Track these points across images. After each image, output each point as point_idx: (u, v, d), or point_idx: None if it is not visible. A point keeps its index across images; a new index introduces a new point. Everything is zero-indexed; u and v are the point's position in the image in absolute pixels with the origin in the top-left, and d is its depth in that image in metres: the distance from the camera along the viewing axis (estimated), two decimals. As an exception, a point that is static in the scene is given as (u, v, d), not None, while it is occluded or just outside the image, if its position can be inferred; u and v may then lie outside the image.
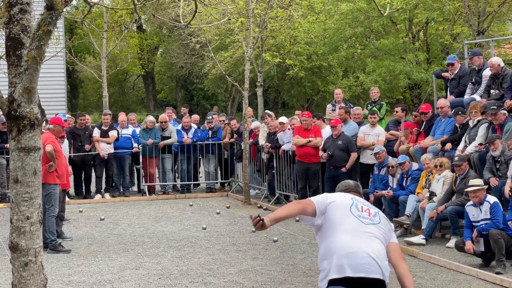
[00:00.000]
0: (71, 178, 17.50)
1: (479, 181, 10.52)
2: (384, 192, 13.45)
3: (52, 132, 12.23)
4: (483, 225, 10.06)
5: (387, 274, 5.13)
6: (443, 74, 15.49)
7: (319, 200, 5.37)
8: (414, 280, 9.19)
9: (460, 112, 13.17)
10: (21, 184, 4.39)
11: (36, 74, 4.26)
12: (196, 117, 21.26)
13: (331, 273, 5.08)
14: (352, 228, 5.19)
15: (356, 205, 5.34)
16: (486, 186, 10.52)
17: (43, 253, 4.62)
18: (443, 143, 13.21)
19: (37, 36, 4.20)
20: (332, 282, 5.08)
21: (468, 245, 10.10)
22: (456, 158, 11.89)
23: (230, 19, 20.37)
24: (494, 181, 11.41)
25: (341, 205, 5.32)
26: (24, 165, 4.41)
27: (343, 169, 14.50)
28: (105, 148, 18.18)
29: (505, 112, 12.17)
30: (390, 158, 13.95)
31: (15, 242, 4.43)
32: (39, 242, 4.50)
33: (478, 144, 12.31)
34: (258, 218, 5.15)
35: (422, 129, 14.38)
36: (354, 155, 14.63)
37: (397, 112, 15.37)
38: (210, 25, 19.12)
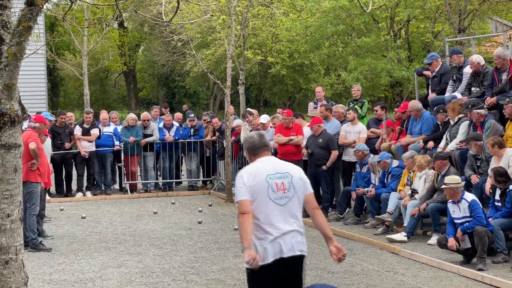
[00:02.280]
0: (52, 176, 17.42)
1: (454, 179, 10.53)
2: (365, 189, 13.49)
3: (34, 130, 12.16)
4: (467, 224, 10.09)
5: (304, 236, 5.94)
6: (424, 72, 15.54)
7: (244, 192, 5.79)
8: (395, 277, 9.26)
9: (441, 110, 13.24)
10: (1, 182, 4.34)
11: (17, 71, 4.21)
12: (178, 115, 21.21)
13: (262, 257, 5.70)
14: (273, 213, 5.80)
15: (271, 187, 5.83)
16: (461, 184, 10.51)
17: (24, 251, 4.58)
18: (425, 141, 13.27)
19: (17, 32, 4.15)
20: (262, 268, 5.68)
21: (451, 241, 10.13)
22: (431, 157, 12.01)
23: (213, 15, 20.32)
24: (475, 178, 11.47)
25: (258, 193, 5.79)
26: (5, 162, 4.36)
27: (324, 167, 14.49)
28: (86, 146, 18.09)
29: (479, 111, 12.19)
30: (371, 155, 14.00)
31: (-4, 240, 4.40)
32: (19, 240, 4.45)
33: (459, 142, 12.37)
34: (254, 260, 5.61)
35: (404, 127, 14.46)
36: (334, 153, 14.60)
37: (376, 111, 15.44)
38: (193, 21, 19.06)
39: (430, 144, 13.11)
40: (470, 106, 12.27)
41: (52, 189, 18.33)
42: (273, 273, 5.76)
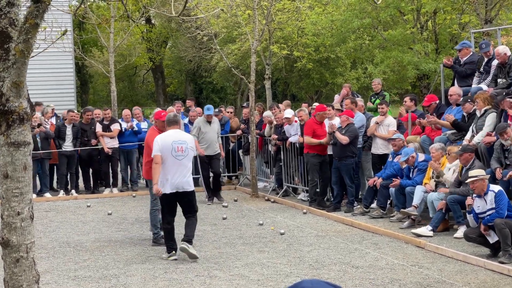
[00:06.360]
0: (80, 173, 17.57)
1: (479, 172, 10.37)
2: (377, 176, 13.52)
3: (157, 127, 12.15)
4: (487, 217, 9.94)
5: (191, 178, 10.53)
6: (444, 61, 15.26)
7: (158, 149, 10.30)
8: (420, 271, 9.14)
9: (469, 100, 13.01)
10: (11, 180, 4.33)
11: (24, 68, 4.20)
12: (199, 109, 21.09)
13: (165, 189, 10.26)
14: (173, 164, 10.24)
15: (174, 149, 10.24)
16: (487, 176, 10.35)
17: (34, 249, 4.57)
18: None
19: (24, 30, 4.14)
20: (165, 195, 10.31)
21: (482, 226, 9.97)
22: (459, 148, 11.83)
23: (223, 10, 20.22)
24: (498, 174, 11.23)
25: (165, 151, 10.24)
26: (14, 160, 4.34)
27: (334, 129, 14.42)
28: (109, 143, 18.08)
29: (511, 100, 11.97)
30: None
31: (6, 238, 4.38)
32: (30, 238, 4.44)
33: (488, 132, 12.14)
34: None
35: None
36: (344, 138, 14.30)
37: (405, 102, 15.16)
38: (203, 15, 19.00)
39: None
40: (504, 94, 12.04)
41: (80, 185, 18.47)
42: (172, 199, 10.38)
